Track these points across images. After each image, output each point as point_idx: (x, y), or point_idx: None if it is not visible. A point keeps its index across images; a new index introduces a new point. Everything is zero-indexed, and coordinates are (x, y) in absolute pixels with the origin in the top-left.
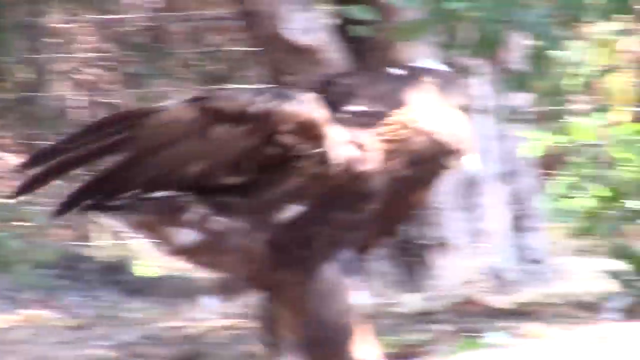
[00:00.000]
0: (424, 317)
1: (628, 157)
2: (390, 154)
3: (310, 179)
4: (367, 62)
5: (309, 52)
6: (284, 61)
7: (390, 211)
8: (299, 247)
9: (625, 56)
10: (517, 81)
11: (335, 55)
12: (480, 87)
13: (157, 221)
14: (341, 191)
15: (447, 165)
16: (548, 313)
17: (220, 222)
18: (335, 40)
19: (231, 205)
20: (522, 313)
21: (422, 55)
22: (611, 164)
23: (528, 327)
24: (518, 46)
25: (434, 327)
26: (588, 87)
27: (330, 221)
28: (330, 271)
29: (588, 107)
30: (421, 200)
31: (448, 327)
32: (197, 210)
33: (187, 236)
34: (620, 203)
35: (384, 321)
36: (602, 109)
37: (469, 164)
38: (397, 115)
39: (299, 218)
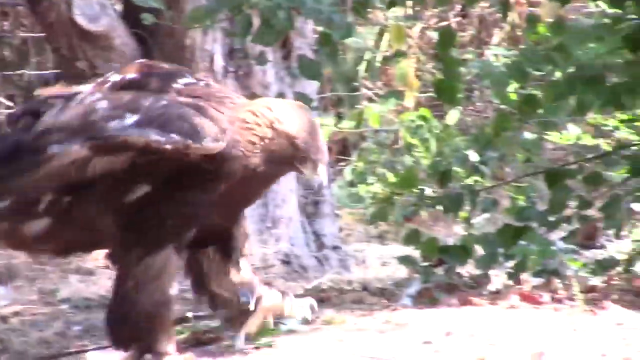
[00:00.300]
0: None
1: (414, 142)
2: (249, 145)
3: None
4: (160, 49)
5: (100, 38)
6: (77, 47)
7: (235, 198)
8: (148, 227)
9: (414, 42)
10: (309, 68)
11: (127, 42)
12: (273, 74)
13: (12, 222)
14: (194, 171)
15: (301, 171)
16: (344, 299)
17: (69, 204)
18: (127, 27)
19: (80, 190)
20: (318, 300)
21: (213, 42)
22: (403, 149)
23: (324, 313)
24: (309, 33)
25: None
26: (378, 74)
27: (179, 201)
28: (163, 257)
29: (379, 93)
30: (264, 191)
31: None
32: (47, 199)
33: (38, 225)
34: (411, 189)
35: (179, 306)
36: (392, 95)
37: (320, 174)
38: (260, 109)
39: (145, 198)
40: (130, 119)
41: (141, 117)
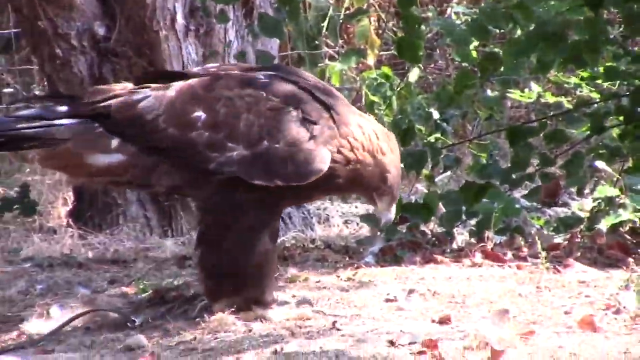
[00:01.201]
0: (181, 261)
1: (376, 100)
2: (343, 163)
3: None
4: (121, 9)
5: None
6: (38, 6)
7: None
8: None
9: (375, 0)
10: (270, 26)
11: (88, 1)
12: (234, 32)
13: (78, 148)
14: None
15: (374, 201)
16: (307, 258)
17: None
18: None
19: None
20: (283, 258)
21: (174, 0)
22: (365, 107)
23: (288, 272)
24: None
25: (188, 271)
26: (339, 32)
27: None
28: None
29: (340, 51)
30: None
31: None
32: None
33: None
34: None
35: (142, 265)
36: (353, 53)
37: (391, 212)
38: (367, 132)
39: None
40: (232, 151)
41: (244, 152)
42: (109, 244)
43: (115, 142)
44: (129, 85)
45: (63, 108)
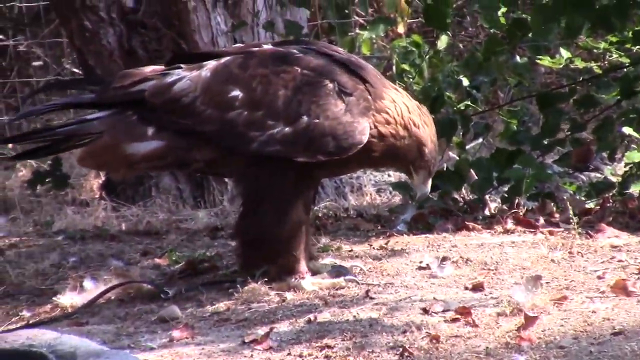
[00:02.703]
0: (213, 232)
1: (406, 69)
2: (378, 137)
3: None
4: None
5: None
6: None
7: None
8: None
9: None
10: None
11: None
12: (262, 2)
13: (114, 140)
14: None
15: (411, 174)
16: (340, 227)
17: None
18: None
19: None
20: (315, 227)
21: None
22: (395, 76)
23: (321, 241)
24: None
25: (220, 242)
26: (368, 0)
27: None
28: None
29: (369, 19)
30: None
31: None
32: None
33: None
34: None
35: (174, 236)
36: (381, 21)
37: (427, 186)
38: (398, 106)
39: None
40: (272, 129)
41: (285, 129)
42: (142, 215)
43: (151, 129)
44: (159, 67)
45: (92, 96)
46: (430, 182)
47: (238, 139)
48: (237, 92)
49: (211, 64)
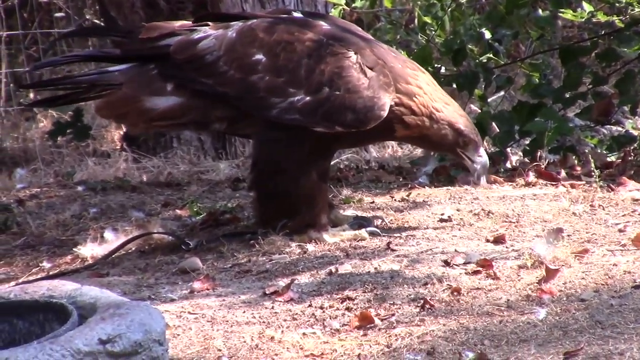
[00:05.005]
0: (234, 184)
1: (428, 21)
2: (399, 117)
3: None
4: None
5: None
6: None
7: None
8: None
9: None
10: None
11: None
12: None
13: (133, 91)
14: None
15: (462, 155)
16: (361, 179)
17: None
18: None
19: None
20: (337, 179)
21: None
22: (417, 29)
23: (342, 193)
24: None
25: (242, 193)
26: None
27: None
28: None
29: None
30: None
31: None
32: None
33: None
34: (426, 67)
35: (196, 187)
36: None
37: (483, 155)
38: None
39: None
40: (293, 97)
41: (306, 98)
42: (163, 167)
43: (170, 85)
44: (187, 23)
45: (116, 50)
46: (482, 150)
47: (258, 103)
48: (260, 56)
49: (238, 24)
